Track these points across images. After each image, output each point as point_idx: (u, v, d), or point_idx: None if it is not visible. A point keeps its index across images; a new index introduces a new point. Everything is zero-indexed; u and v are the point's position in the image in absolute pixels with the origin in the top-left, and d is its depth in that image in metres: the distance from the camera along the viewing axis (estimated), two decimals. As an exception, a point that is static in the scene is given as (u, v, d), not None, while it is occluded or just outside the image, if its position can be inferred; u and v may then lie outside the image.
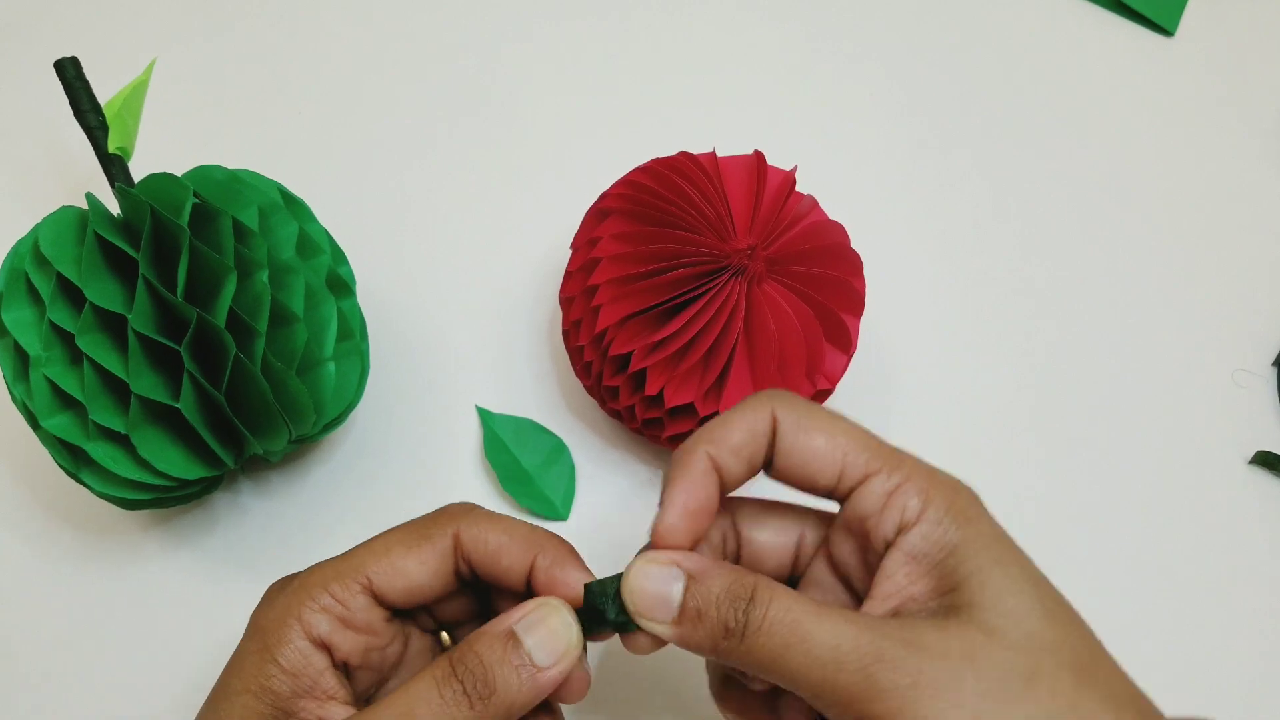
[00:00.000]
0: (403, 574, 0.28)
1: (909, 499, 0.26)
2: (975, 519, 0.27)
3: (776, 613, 0.25)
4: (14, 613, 0.39)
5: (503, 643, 0.26)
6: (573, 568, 0.28)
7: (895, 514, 0.26)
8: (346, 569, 0.28)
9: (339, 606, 0.28)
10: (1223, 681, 0.40)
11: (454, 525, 0.29)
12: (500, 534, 0.29)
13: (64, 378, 0.34)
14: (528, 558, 0.28)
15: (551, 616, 0.27)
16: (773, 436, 0.28)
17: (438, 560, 0.28)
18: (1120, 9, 0.54)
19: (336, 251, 0.39)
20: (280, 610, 0.28)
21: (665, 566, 0.26)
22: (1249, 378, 0.45)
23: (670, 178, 0.36)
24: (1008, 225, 0.48)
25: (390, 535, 0.29)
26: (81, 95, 0.38)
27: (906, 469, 0.27)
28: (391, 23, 0.52)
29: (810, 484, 0.28)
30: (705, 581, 0.26)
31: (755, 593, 0.25)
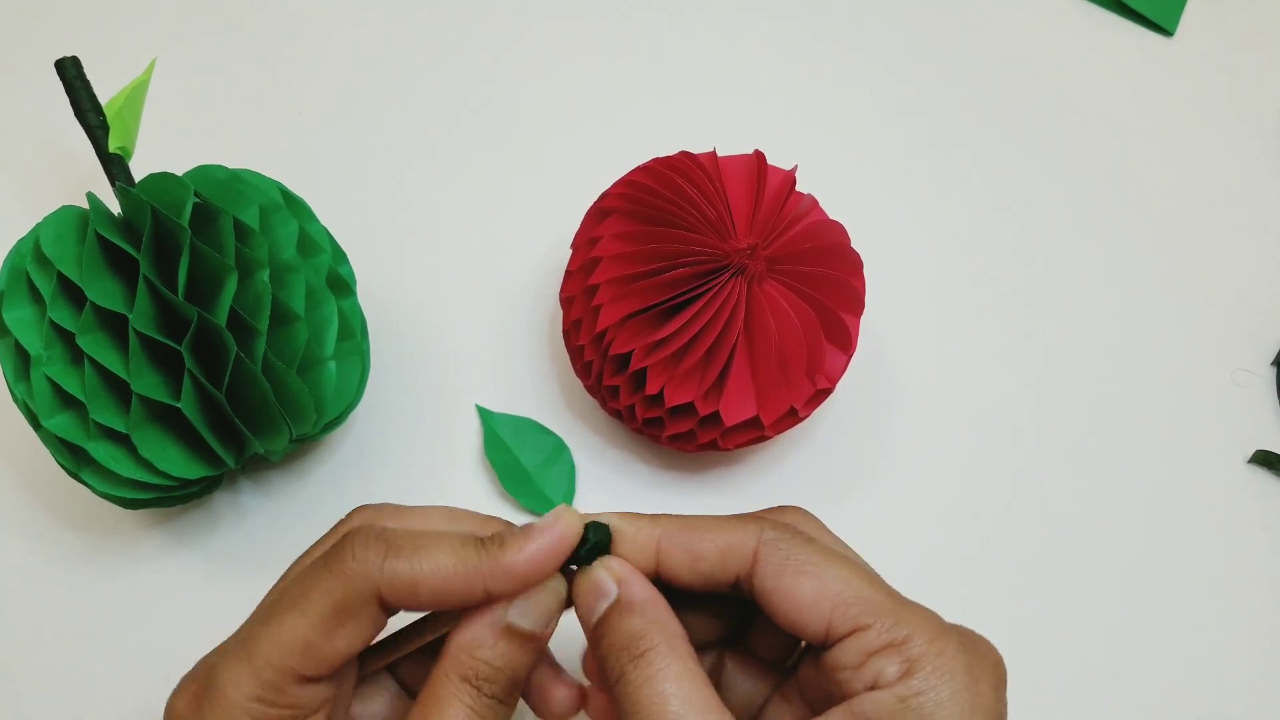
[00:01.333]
0: (331, 653, 0.25)
1: (889, 664, 0.24)
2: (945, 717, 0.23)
3: (654, 687, 0.24)
4: (14, 612, 0.39)
5: (508, 640, 0.26)
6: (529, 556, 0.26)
7: (869, 675, 0.24)
8: (267, 665, 0.25)
9: (287, 712, 0.25)
10: (1223, 681, 0.40)
11: (370, 586, 0.25)
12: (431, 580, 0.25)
13: (65, 377, 0.34)
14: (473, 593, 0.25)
15: (541, 595, 0.26)
16: (749, 574, 0.25)
17: (366, 631, 0.26)
18: (1120, 9, 0.54)
19: (337, 251, 0.39)
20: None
21: (611, 581, 0.26)
22: (1248, 377, 0.45)
23: (670, 177, 0.36)
24: (1008, 225, 0.48)
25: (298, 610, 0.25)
26: (82, 95, 0.38)
27: (906, 627, 0.24)
28: (392, 22, 0.52)
29: (798, 631, 0.25)
30: (622, 614, 0.25)
31: (646, 655, 0.24)
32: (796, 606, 0.25)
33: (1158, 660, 0.40)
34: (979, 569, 0.41)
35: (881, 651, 0.24)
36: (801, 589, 0.25)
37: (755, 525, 0.26)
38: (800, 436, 0.43)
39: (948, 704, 0.23)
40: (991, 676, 0.24)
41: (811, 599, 0.25)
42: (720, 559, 0.26)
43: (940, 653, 0.24)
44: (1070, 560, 0.41)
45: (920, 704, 0.23)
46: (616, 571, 0.26)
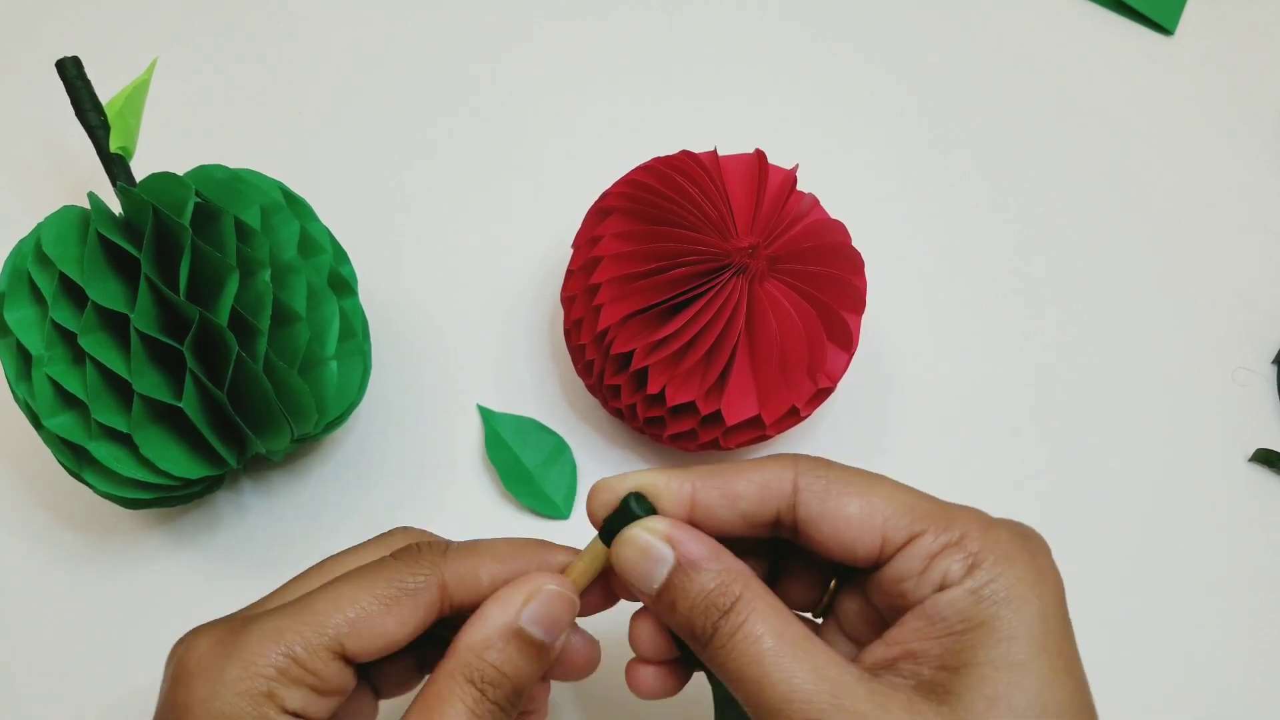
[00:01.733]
0: (381, 636, 0.25)
1: (952, 562, 0.24)
2: (1020, 599, 0.23)
3: (744, 636, 0.23)
4: (15, 612, 0.39)
5: (517, 646, 0.25)
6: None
7: (935, 577, 0.24)
8: (311, 632, 0.24)
9: (310, 677, 0.24)
10: (1223, 680, 0.40)
11: (434, 571, 0.26)
12: (492, 566, 0.26)
13: (66, 377, 0.34)
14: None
15: (554, 602, 0.26)
16: (792, 505, 0.25)
17: (421, 616, 0.26)
18: (1120, 8, 0.54)
19: (338, 251, 0.39)
20: (240, 691, 0.24)
21: (660, 541, 0.25)
22: (1249, 376, 0.45)
23: (671, 176, 0.36)
24: (1008, 224, 0.48)
25: (358, 587, 0.25)
26: (83, 94, 0.38)
27: (959, 527, 0.24)
28: (392, 22, 0.52)
29: (849, 554, 0.25)
30: (692, 574, 0.24)
31: (735, 606, 0.24)
32: (847, 528, 0.25)
33: (1158, 660, 0.40)
34: (980, 568, 0.41)
35: (942, 553, 0.24)
36: (848, 510, 0.25)
37: (790, 460, 0.26)
38: (801, 436, 0.43)
39: (1018, 586, 0.23)
40: (1048, 553, 0.25)
41: (861, 518, 0.25)
42: (759, 495, 0.25)
43: (997, 543, 0.24)
44: (1070, 560, 0.41)
45: (993, 591, 0.23)
46: (664, 531, 0.25)
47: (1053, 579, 0.24)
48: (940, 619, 0.24)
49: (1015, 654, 0.23)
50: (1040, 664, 0.23)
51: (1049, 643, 0.23)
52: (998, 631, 0.23)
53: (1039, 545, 0.25)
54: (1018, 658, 0.23)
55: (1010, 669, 0.23)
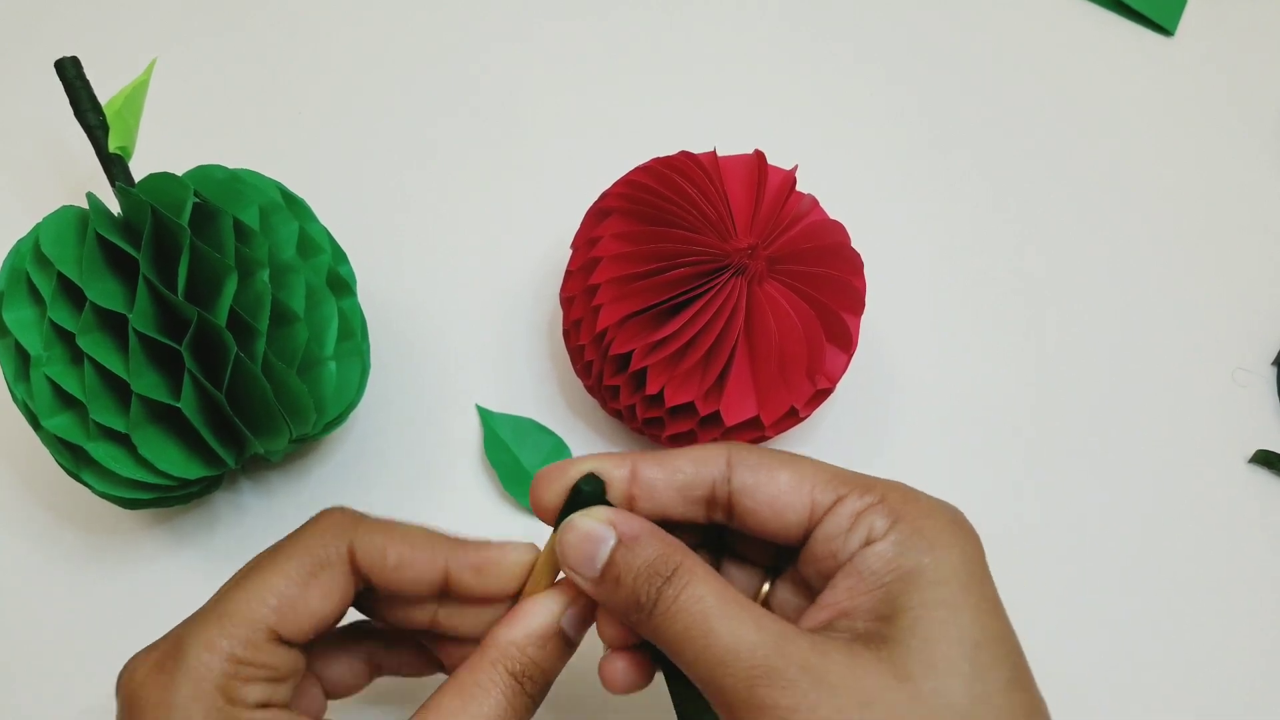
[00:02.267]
0: (308, 612, 0.26)
1: (876, 519, 0.25)
2: (943, 548, 0.25)
3: (688, 598, 0.24)
4: (15, 612, 0.39)
5: (556, 645, 0.27)
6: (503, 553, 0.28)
7: (860, 533, 0.25)
8: (243, 630, 0.25)
9: (262, 670, 0.25)
10: (1223, 681, 0.40)
11: (344, 543, 0.27)
12: (400, 546, 0.27)
13: (65, 377, 0.34)
14: (435, 568, 0.27)
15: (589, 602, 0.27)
16: (727, 479, 0.26)
17: (341, 588, 0.27)
18: (1120, 9, 0.54)
19: (337, 251, 0.39)
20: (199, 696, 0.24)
21: (601, 525, 0.26)
22: (1249, 376, 0.45)
23: (671, 177, 0.36)
24: (1008, 224, 0.48)
25: (270, 573, 0.26)
26: (82, 95, 0.38)
27: (880, 491, 0.26)
28: (392, 22, 0.52)
29: (780, 524, 0.26)
30: (633, 547, 0.25)
31: (676, 572, 0.25)
32: (779, 495, 0.26)
33: (1158, 660, 0.40)
34: (979, 569, 0.41)
35: (866, 511, 0.25)
36: (779, 479, 0.26)
37: (724, 444, 0.27)
38: (801, 436, 0.43)
39: (940, 535, 0.25)
40: (962, 515, 0.26)
41: (791, 485, 0.26)
42: (695, 470, 0.27)
43: (916, 501, 0.26)
44: (1071, 559, 0.41)
45: (917, 543, 0.24)
46: (605, 516, 0.26)
47: (971, 533, 0.26)
48: (869, 573, 0.25)
49: (943, 595, 0.24)
50: (968, 602, 0.24)
51: (973, 584, 0.24)
52: (924, 577, 0.24)
53: (955, 509, 0.26)
54: (946, 597, 0.24)
55: (940, 607, 0.24)
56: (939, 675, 0.23)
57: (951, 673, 0.23)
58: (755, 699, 0.23)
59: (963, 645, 0.23)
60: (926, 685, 0.23)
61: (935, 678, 0.23)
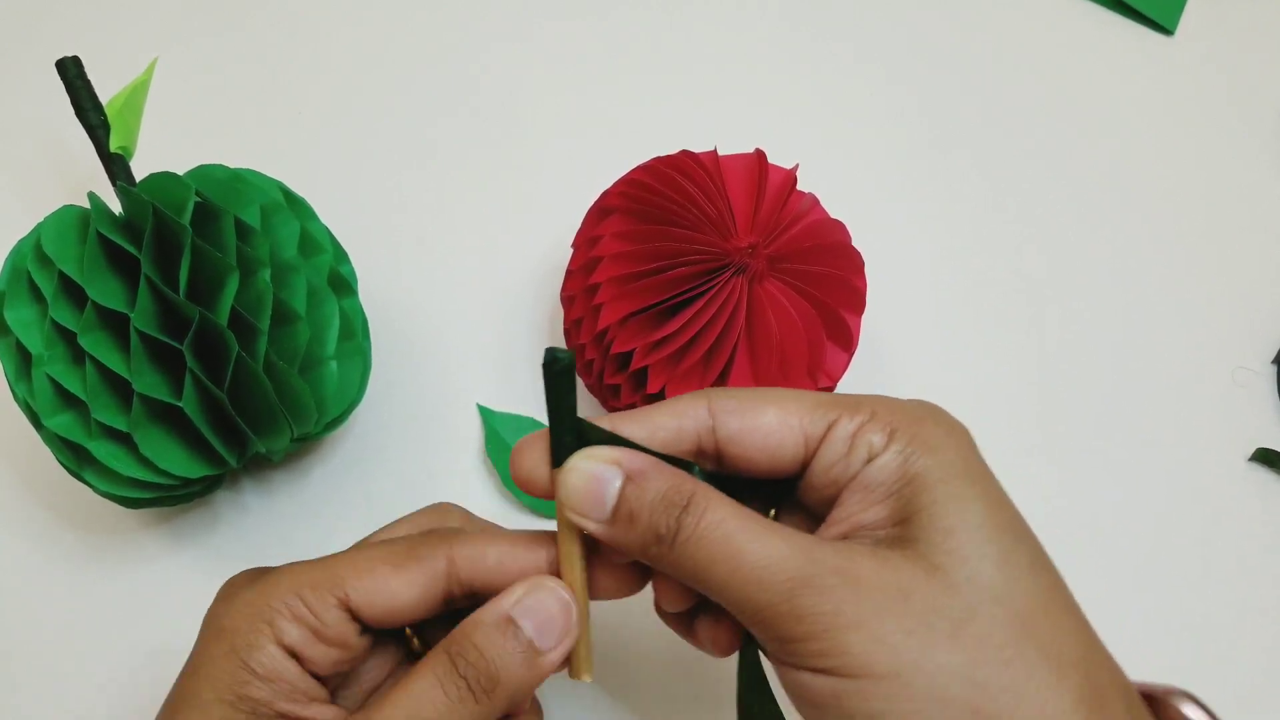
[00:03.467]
0: (385, 593, 0.26)
1: (873, 435, 0.25)
2: (942, 449, 0.25)
3: (709, 523, 0.24)
4: (15, 612, 0.39)
5: (501, 631, 0.26)
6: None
7: (861, 452, 0.25)
8: (323, 579, 0.26)
9: (312, 618, 0.26)
10: (1223, 679, 0.40)
11: (447, 547, 0.27)
12: (500, 548, 0.27)
13: (66, 376, 0.34)
14: (539, 562, 0.27)
15: (548, 598, 0.26)
16: (711, 429, 0.26)
17: (426, 583, 0.27)
18: (1120, 8, 0.54)
19: (338, 250, 0.39)
20: (247, 611, 0.26)
21: (604, 464, 0.25)
22: (1249, 375, 0.45)
23: (671, 176, 0.36)
24: (1008, 224, 0.48)
25: (375, 550, 0.27)
26: (83, 94, 0.38)
27: (868, 407, 0.26)
28: (392, 22, 0.52)
29: (774, 463, 0.26)
30: (642, 483, 0.25)
31: (692, 500, 0.24)
32: (769, 434, 0.26)
33: (1158, 659, 0.40)
34: (980, 568, 0.41)
35: (860, 430, 0.25)
36: (765, 418, 0.26)
37: (701, 393, 0.27)
38: (801, 436, 0.43)
39: (936, 438, 0.25)
40: (946, 414, 0.26)
41: (778, 421, 0.26)
42: (677, 425, 0.26)
43: (905, 410, 0.26)
44: (1070, 559, 0.41)
45: (917, 447, 0.25)
46: (607, 455, 0.26)
47: (960, 429, 0.26)
48: (878, 485, 0.25)
49: (953, 490, 0.24)
50: (977, 493, 0.25)
51: (976, 477, 0.25)
52: (931, 477, 0.24)
53: (940, 409, 0.27)
54: (956, 492, 0.24)
55: (953, 501, 0.24)
56: (969, 563, 0.23)
57: (980, 558, 0.24)
58: (796, 609, 0.23)
59: (983, 531, 0.24)
60: (959, 574, 0.23)
61: (965, 565, 0.23)
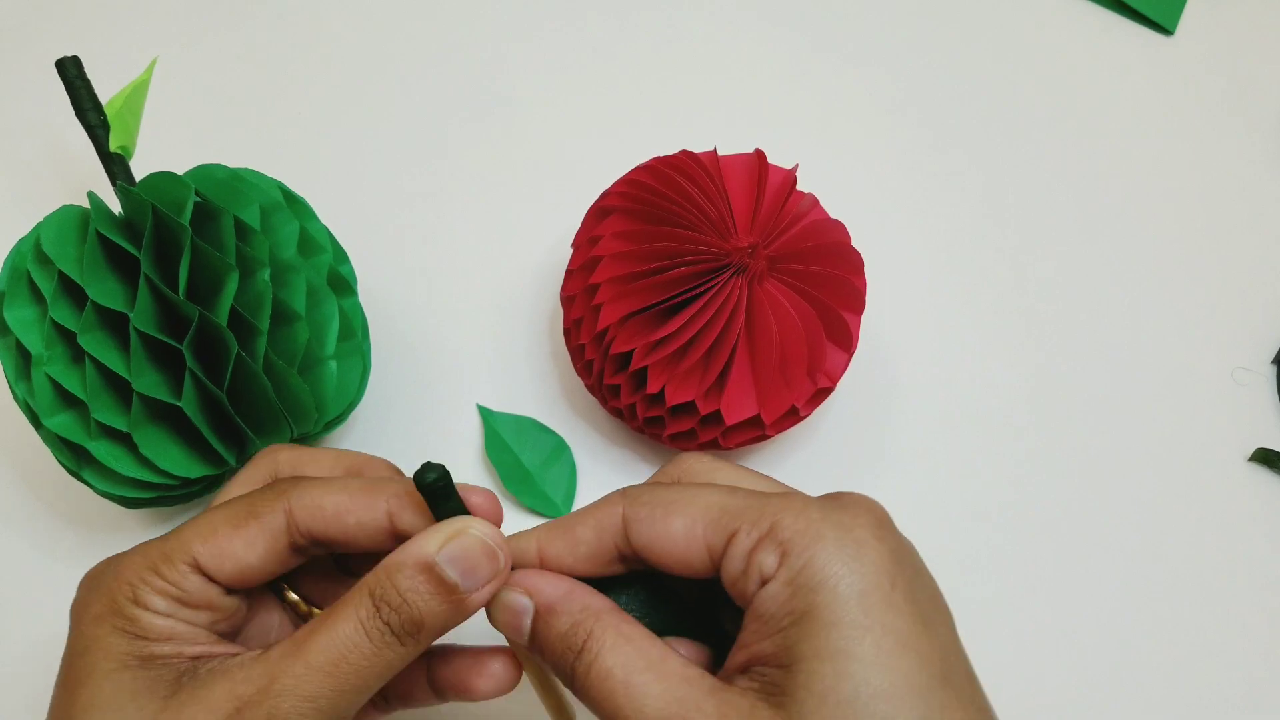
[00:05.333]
0: (230, 556, 0.26)
1: (765, 556, 0.24)
2: (837, 580, 0.23)
3: (597, 672, 0.24)
4: (15, 612, 0.39)
5: (425, 576, 0.25)
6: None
7: (754, 574, 0.24)
8: (174, 548, 0.26)
9: (171, 587, 0.26)
10: (1222, 680, 0.40)
11: (284, 500, 0.27)
12: (336, 498, 0.27)
13: (66, 376, 0.34)
14: (376, 512, 0.27)
15: (471, 544, 0.26)
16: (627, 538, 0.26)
17: (268, 540, 0.27)
18: (1120, 8, 0.54)
19: (338, 250, 0.39)
20: (112, 591, 0.26)
21: (519, 596, 0.26)
22: (1248, 375, 0.45)
23: (671, 176, 0.36)
24: (1007, 224, 0.48)
25: (215, 512, 0.27)
26: (83, 94, 0.38)
27: (769, 519, 0.24)
28: (392, 22, 0.52)
29: (691, 569, 0.25)
30: (549, 619, 0.26)
31: (586, 643, 0.25)
32: (674, 546, 0.25)
33: (1157, 659, 0.40)
34: (979, 568, 0.41)
35: (757, 548, 0.24)
36: (673, 529, 0.25)
37: (619, 495, 0.26)
38: (801, 435, 0.43)
39: (830, 566, 0.23)
40: (867, 520, 0.24)
41: (685, 533, 0.25)
42: (596, 538, 0.26)
43: (807, 525, 0.24)
44: (1070, 559, 0.41)
45: (806, 579, 0.23)
46: (523, 583, 0.26)
47: (872, 549, 0.23)
48: (768, 616, 0.24)
49: (837, 642, 0.22)
50: (865, 648, 0.22)
51: (873, 621, 0.22)
52: (818, 619, 0.23)
53: (856, 515, 0.24)
54: (840, 645, 0.22)
55: (834, 658, 0.22)
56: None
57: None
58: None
59: (857, 702, 0.22)
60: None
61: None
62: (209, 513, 0.27)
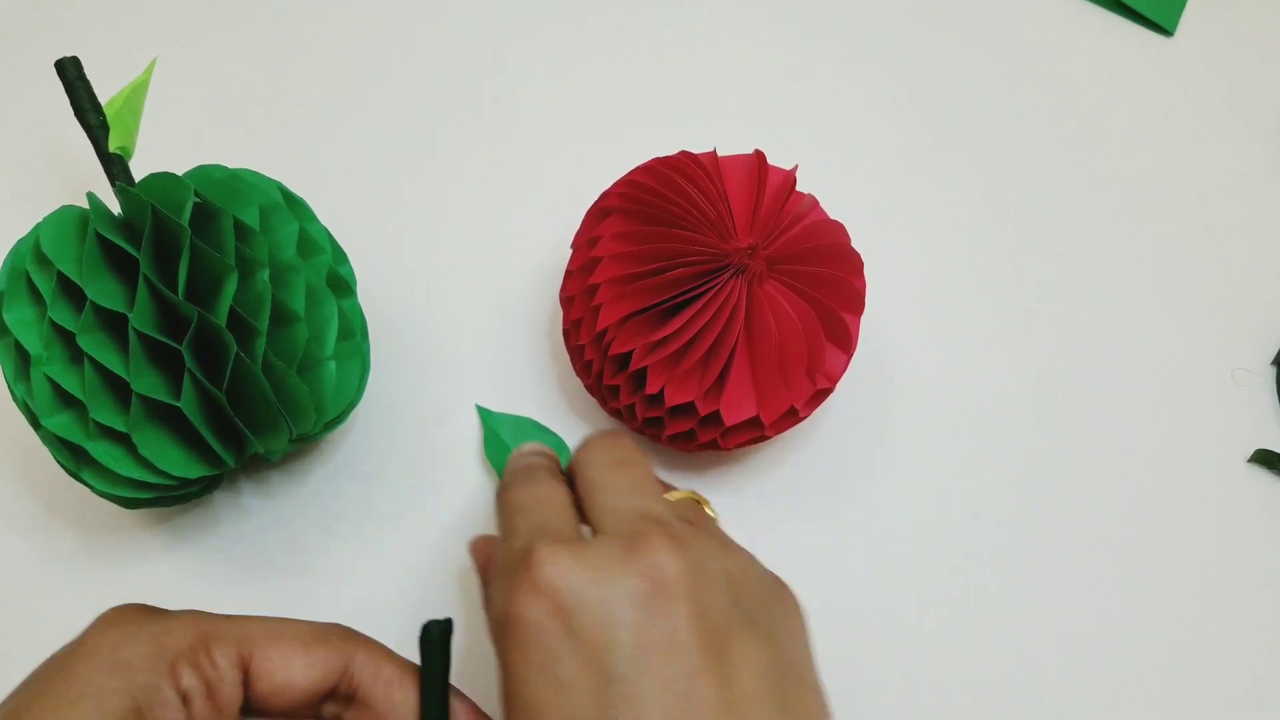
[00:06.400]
0: (286, 668, 0.25)
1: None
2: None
3: None
4: (14, 612, 0.39)
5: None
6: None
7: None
8: (232, 633, 0.25)
9: (211, 670, 0.24)
10: (1222, 681, 0.40)
11: (353, 646, 0.26)
12: (393, 668, 0.27)
13: (65, 377, 0.34)
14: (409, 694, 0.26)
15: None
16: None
17: (326, 672, 0.26)
18: (1120, 9, 0.54)
19: (337, 251, 0.39)
20: (150, 647, 0.24)
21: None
22: (1248, 376, 0.45)
23: (671, 177, 0.36)
24: (1007, 224, 0.48)
25: (285, 623, 0.26)
26: (82, 95, 0.38)
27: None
28: (392, 22, 0.52)
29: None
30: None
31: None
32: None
33: (1158, 659, 0.40)
34: (979, 568, 0.41)
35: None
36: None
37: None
38: (800, 436, 0.43)
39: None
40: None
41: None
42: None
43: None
44: (1070, 559, 0.41)
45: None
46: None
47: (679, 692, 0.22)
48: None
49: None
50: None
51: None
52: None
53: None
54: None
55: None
56: None
57: None
58: None
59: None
60: None
61: None
62: (275, 619, 0.26)
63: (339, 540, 0.41)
